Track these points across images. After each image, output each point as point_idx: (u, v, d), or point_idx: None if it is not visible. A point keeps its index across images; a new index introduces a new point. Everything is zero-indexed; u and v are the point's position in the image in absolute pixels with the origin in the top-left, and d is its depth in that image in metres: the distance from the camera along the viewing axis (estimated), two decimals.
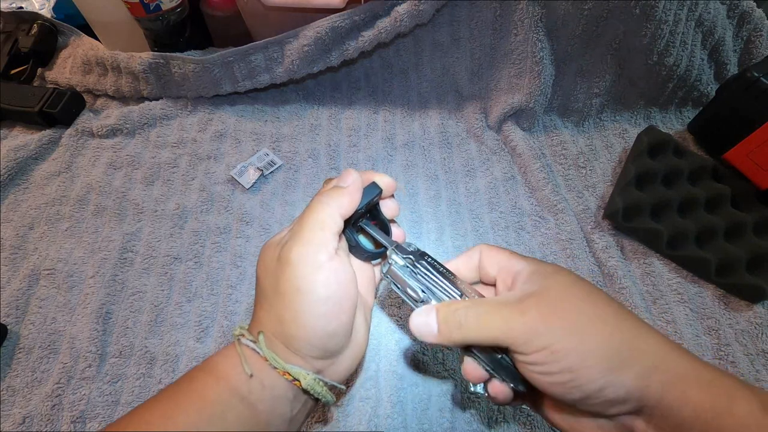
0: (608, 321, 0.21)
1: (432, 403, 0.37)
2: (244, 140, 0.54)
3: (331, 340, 0.24)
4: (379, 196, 0.28)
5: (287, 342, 0.24)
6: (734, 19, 0.52)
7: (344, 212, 0.25)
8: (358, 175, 0.27)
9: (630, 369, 0.20)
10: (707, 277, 0.43)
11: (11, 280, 0.43)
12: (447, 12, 0.50)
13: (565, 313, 0.22)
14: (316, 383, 0.24)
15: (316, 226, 0.24)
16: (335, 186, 0.27)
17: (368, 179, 0.28)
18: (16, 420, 0.36)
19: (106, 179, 0.50)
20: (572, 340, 0.21)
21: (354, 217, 0.27)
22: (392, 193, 0.30)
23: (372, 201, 0.28)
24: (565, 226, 0.46)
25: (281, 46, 0.51)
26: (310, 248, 0.24)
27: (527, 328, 0.21)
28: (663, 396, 0.20)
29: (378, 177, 0.28)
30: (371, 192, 0.27)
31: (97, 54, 0.56)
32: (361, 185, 0.27)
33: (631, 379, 0.20)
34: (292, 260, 0.23)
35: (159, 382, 0.38)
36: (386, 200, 0.30)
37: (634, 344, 0.21)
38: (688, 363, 0.21)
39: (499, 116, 0.54)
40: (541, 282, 0.23)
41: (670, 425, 0.20)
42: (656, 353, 0.21)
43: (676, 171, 0.49)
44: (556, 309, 0.22)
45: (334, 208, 0.25)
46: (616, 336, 0.21)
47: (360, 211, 0.27)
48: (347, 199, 0.26)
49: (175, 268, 0.44)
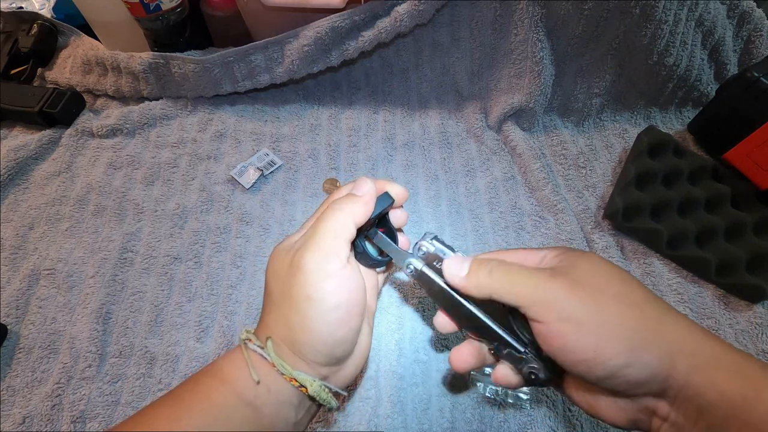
0: (634, 303, 0.21)
1: (432, 403, 0.37)
2: (244, 140, 0.54)
3: (338, 348, 0.24)
4: (391, 206, 0.29)
5: (294, 348, 0.24)
6: (734, 19, 0.52)
7: (358, 221, 0.25)
8: (373, 185, 0.27)
9: (653, 350, 0.20)
10: (707, 277, 0.43)
11: (11, 280, 0.43)
12: (447, 12, 0.50)
13: (591, 289, 0.22)
14: (322, 390, 0.24)
15: (330, 234, 0.24)
16: (350, 194, 0.27)
17: (381, 188, 0.28)
18: (16, 420, 0.36)
19: (106, 179, 0.50)
20: (597, 316, 0.21)
21: (365, 226, 0.27)
22: (403, 203, 0.30)
23: (384, 210, 0.28)
24: (565, 226, 0.46)
25: (281, 46, 0.51)
26: (323, 256, 0.24)
27: (553, 294, 0.22)
28: (689, 379, 0.20)
29: (390, 186, 0.29)
30: (384, 202, 0.27)
31: (97, 54, 0.56)
32: (375, 195, 0.27)
33: (654, 360, 0.20)
34: (305, 267, 0.23)
35: (159, 382, 0.38)
36: (395, 210, 0.30)
37: (658, 327, 0.21)
38: (717, 347, 0.20)
39: (499, 116, 0.54)
40: (569, 260, 0.24)
41: (694, 408, 0.20)
42: (682, 337, 0.21)
43: (676, 171, 0.49)
44: (583, 284, 0.22)
45: (348, 216, 0.25)
46: (640, 318, 0.21)
47: (371, 219, 0.27)
48: (362, 208, 0.26)
49: (175, 268, 0.44)
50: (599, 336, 0.20)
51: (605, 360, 0.20)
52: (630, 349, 0.20)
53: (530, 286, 0.22)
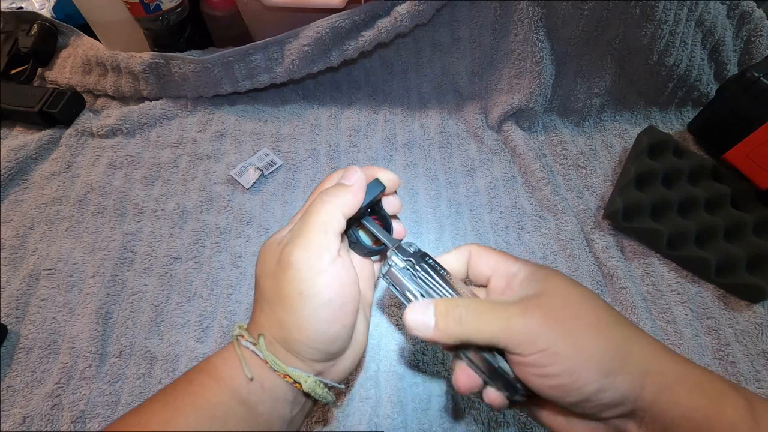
0: (604, 326, 0.22)
1: (432, 403, 0.37)
2: (244, 140, 0.54)
3: (333, 344, 0.24)
4: (382, 193, 0.28)
5: (288, 345, 0.23)
6: (734, 19, 0.52)
7: (347, 212, 0.25)
8: (362, 173, 0.26)
9: (624, 373, 0.20)
10: (707, 277, 0.43)
11: (11, 280, 0.43)
12: (447, 12, 0.50)
13: (563, 318, 0.22)
14: (317, 385, 0.23)
15: (319, 227, 0.23)
16: (339, 184, 0.26)
17: (371, 175, 0.27)
18: (16, 420, 0.36)
19: (106, 179, 0.50)
20: (570, 343, 0.21)
21: (357, 215, 0.26)
22: (395, 189, 0.29)
23: (375, 198, 0.27)
24: (565, 226, 0.46)
25: (281, 46, 0.51)
26: (313, 251, 0.23)
27: (528, 329, 0.21)
28: (656, 399, 0.20)
29: (381, 173, 0.28)
30: (374, 189, 0.27)
31: (97, 54, 0.56)
32: (365, 183, 0.26)
33: (626, 382, 0.20)
34: (294, 263, 0.23)
35: (159, 382, 0.38)
36: (388, 197, 0.29)
37: (628, 349, 0.21)
38: (680, 366, 0.21)
39: (499, 116, 0.54)
40: (538, 286, 0.23)
41: (660, 427, 0.20)
42: (649, 358, 0.21)
43: (676, 171, 0.49)
44: (555, 313, 0.22)
45: (337, 207, 0.24)
46: (611, 341, 0.21)
47: (362, 208, 0.26)
48: (351, 198, 0.25)
49: (175, 268, 0.44)
50: (574, 363, 0.20)
51: (580, 386, 0.20)
52: (604, 374, 0.20)
53: (503, 325, 0.22)
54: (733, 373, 0.38)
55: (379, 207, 0.29)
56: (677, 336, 0.40)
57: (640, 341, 0.22)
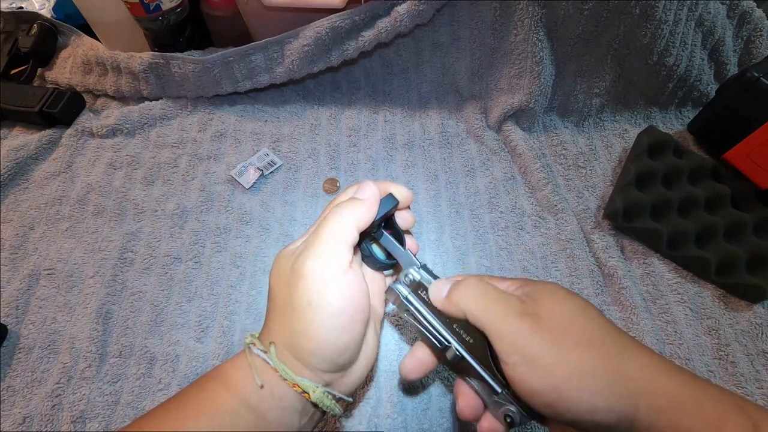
0: (596, 342, 0.22)
1: (432, 403, 0.37)
2: (244, 140, 0.54)
3: (342, 355, 0.24)
4: (396, 208, 0.28)
5: (298, 354, 0.23)
6: (734, 19, 0.52)
7: (361, 225, 0.25)
8: (376, 188, 0.27)
9: (615, 394, 0.20)
10: (707, 277, 0.43)
11: (11, 280, 0.43)
12: (447, 12, 0.50)
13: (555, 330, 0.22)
14: (325, 396, 0.24)
15: (332, 239, 0.24)
16: (353, 198, 0.26)
17: (385, 190, 0.28)
18: (16, 420, 0.36)
19: (106, 179, 0.50)
20: (559, 359, 0.21)
21: (370, 229, 0.27)
22: (408, 204, 0.30)
23: (388, 212, 0.27)
24: (565, 226, 0.46)
25: (281, 46, 0.51)
26: (325, 262, 0.23)
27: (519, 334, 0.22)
28: (653, 423, 0.20)
29: (395, 188, 0.28)
30: (388, 204, 0.27)
31: (97, 54, 0.56)
32: (379, 197, 0.27)
33: (618, 404, 0.20)
34: (306, 273, 0.23)
35: (159, 382, 0.38)
36: (402, 211, 0.30)
37: (620, 366, 0.21)
38: (678, 385, 0.21)
39: (499, 116, 0.54)
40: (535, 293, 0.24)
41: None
42: (644, 375, 0.21)
43: (676, 171, 0.49)
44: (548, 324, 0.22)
45: (350, 220, 0.25)
46: (602, 359, 0.21)
47: (376, 222, 0.26)
48: (364, 211, 0.25)
49: (175, 268, 0.44)
50: (562, 380, 0.21)
51: (569, 405, 0.20)
52: (593, 394, 0.20)
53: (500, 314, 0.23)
54: (733, 373, 0.38)
55: (393, 221, 0.29)
56: (677, 336, 0.40)
57: (637, 359, 0.21)
